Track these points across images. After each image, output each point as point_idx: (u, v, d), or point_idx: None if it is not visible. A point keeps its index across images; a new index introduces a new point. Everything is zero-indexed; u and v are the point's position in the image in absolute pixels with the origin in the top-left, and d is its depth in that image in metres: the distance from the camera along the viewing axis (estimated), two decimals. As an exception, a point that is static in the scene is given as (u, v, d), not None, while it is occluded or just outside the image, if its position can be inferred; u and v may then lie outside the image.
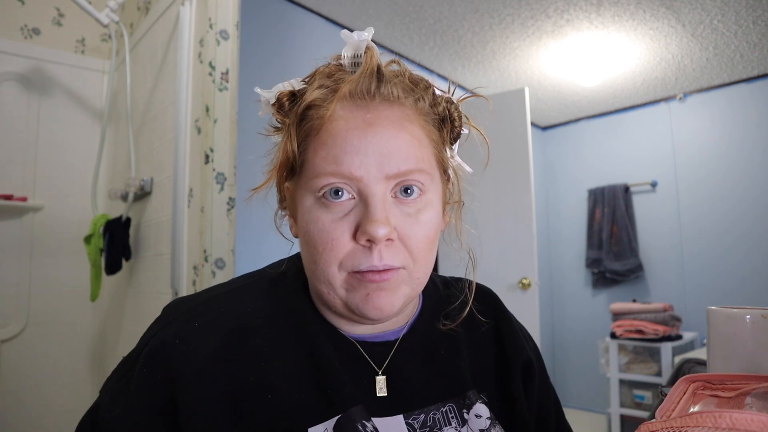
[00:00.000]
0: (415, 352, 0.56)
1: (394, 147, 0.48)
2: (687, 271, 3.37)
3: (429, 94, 0.54)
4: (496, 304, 0.66)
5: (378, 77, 0.50)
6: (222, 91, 1.50)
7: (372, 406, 0.50)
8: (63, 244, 2.07)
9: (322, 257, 0.48)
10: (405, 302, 0.51)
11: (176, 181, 1.50)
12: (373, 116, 0.49)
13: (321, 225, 0.48)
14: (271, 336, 0.50)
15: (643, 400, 2.96)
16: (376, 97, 0.49)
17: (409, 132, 0.49)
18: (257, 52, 2.11)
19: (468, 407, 0.55)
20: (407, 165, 0.48)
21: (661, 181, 3.52)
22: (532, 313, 2.60)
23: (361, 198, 0.48)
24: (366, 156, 0.47)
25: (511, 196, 2.73)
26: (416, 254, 0.50)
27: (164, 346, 0.47)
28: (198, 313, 0.51)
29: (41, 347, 1.99)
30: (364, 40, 0.51)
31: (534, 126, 4.07)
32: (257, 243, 1.98)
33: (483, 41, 2.75)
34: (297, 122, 0.51)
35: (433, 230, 0.51)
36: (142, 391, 0.46)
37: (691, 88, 3.39)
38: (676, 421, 0.36)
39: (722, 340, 0.55)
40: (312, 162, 0.49)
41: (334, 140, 0.48)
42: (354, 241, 0.48)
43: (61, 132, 2.11)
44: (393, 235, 0.48)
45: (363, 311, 0.49)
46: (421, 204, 0.50)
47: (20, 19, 2.08)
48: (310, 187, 0.49)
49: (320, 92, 0.50)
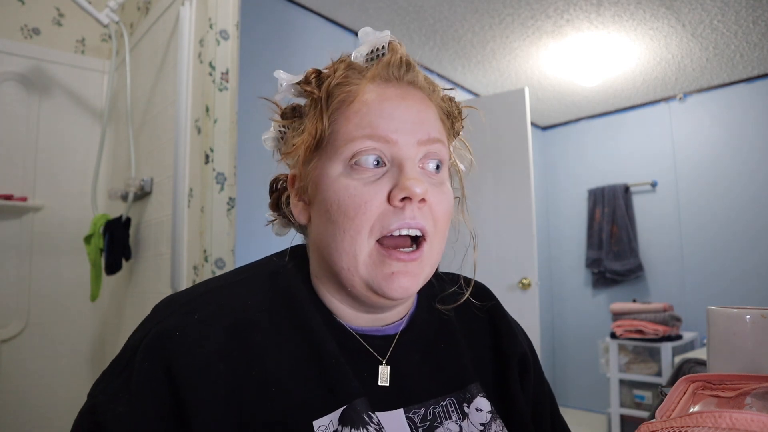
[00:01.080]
0: (415, 345, 0.56)
1: (424, 117, 0.52)
2: (687, 271, 3.37)
3: (439, 90, 0.58)
4: (491, 299, 0.66)
5: (407, 64, 0.54)
6: (222, 91, 1.50)
7: (373, 399, 0.50)
8: (63, 244, 2.07)
9: (354, 223, 0.48)
10: (424, 282, 0.53)
11: (176, 181, 1.50)
12: (404, 92, 0.52)
13: (353, 190, 0.48)
14: (272, 330, 0.50)
15: (643, 400, 2.96)
16: (404, 79, 0.53)
17: (432, 110, 0.54)
18: (257, 52, 2.11)
19: (468, 401, 0.55)
20: (435, 133, 0.52)
21: (661, 181, 3.52)
22: (532, 313, 2.60)
23: (394, 163, 0.50)
24: (401, 122, 0.50)
25: (511, 196, 2.73)
26: (439, 223, 0.52)
27: (165, 337, 0.46)
28: (197, 306, 0.49)
29: (41, 347, 1.99)
30: (386, 36, 0.54)
31: (534, 126, 4.07)
32: (257, 243, 1.98)
33: (483, 41, 2.75)
34: (327, 96, 0.52)
35: (451, 204, 0.54)
36: (145, 385, 0.44)
37: (691, 88, 3.39)
38: (676, 421, 0.36)
39: (722, 340, 0.55)
40: (344, 130, 0.50)
41: (369, 108, 0.50)
42: (387, 203, 0.49)
43: (61, 132, 2.11)
44: (427, 197, 0.49)
45: (386, 291, 0.49)
46: (443, 177, 0.54)
47: (20, 19, 2.08)
48: (341, 154, 0.50)
49: (350, 72, 0.53)
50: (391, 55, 0.53)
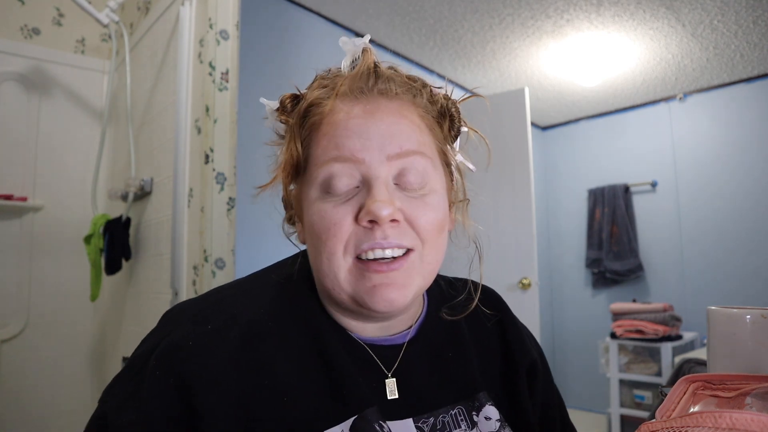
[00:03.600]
0: (423, 354, 0.56)
1: (395, 130, 0.49)
2: (687, 271, 3.37)
3: (426, 91, 0.54)
4: (501, 305, 0.65)
5: (375, 74, 0.51)
6: (222, 91, 1.50)
7: (382, 409, 0.50)
8: (63, 244, 2.06)
9: (327, 245, 0.48)
10: (416, 294, 0.51)
11: (176, 181, 1.50)
12: (373, 107, 0.50)
13: (323, 213, 0.48)
14: (282, 340, 0.49)
15: (643, 400, 2.95)
16: (374, 90, 0.51)
17: (408, 119, 0.50)
18: (257, 52, 2.11)
19: (478, 409, 0.55)
20: (409, 145, 0.49)
21: (661, 181, 3.52)
22: (532, 313, 2.60)
23: (364, 183, 0.48)
24: (368, 139, 0.48)
25: (511, 196, 2.73)
26: (425, 236, 0.49)
27: (176, 348, 0.46)
28: (208, 316, 0.49)
29: (41, 347, 1.99)
30: (361, 45, 0.52)
31: (534, 126, 4.07)
32: (257, 243, 1.98)
33: (483, 41, 2.75)
34: (299, 121, 0.52)
35: (441, 214, 0.51)
36: (155, 395, 0.44)
37: (691, 88, 3.39)
38: (676, 421, 0.36)
39: (722, 340, 0.55)
40: (315, 154, 0.50)
41: (335, 129, 0.49)
42: (356, 224, 0.47)
43: (61, 132, 2.11)
44: (398, 216, 0.47)
45: (370, 304, 0.48)
46: (426, 190, 0.50)
47: (20, 19, 2.08)
48: (315, 178, 0.49)
49: (320, 92, 0.52)
50: (360, 66, 0.51)
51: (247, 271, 0.61)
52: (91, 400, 2.05)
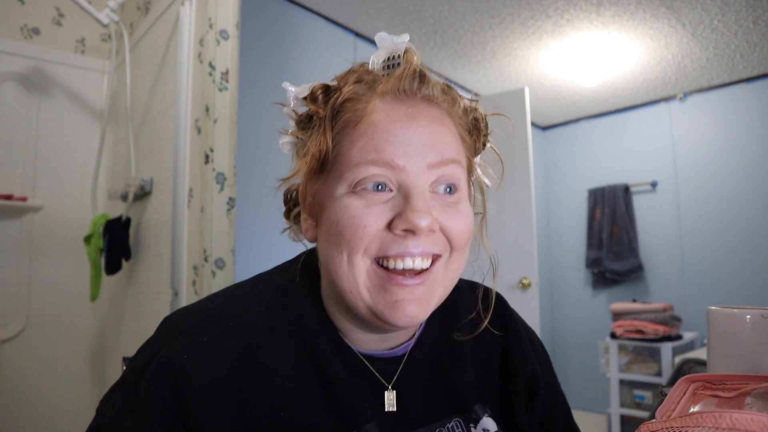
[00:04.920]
0: (421, 366, 0.55)
1: (436, 138, 0.48)
2: (687, 271, 3.37)
3: (461, 100, 0.54)
4: (506, 313, 0.64)
5: (420, 77, 0.50)
6: (222, 91, 1.50)
7: (381, 423, 0.49)
8: (63, 244, 2.06)
9: (350, 244, 0.46)
10: (436, 306, 0.50)
11: (176, 181, 1.50)
12: (415, 111, 0.48)
13: (352, 211, 0.46)
14: (279, 351, 0.48)
15: (643, 400, 2.95)
16: (417, 95, 0.49)
17: (447, 127, 0.50)
18: (257, 52, 2.11)
19: (475, 422, 0.54)
20: (449, 154, 0.48)
21: (661, 181, 3.52)
22: (532, 313, 2.60)
23: (401, 190, 0.46)
24: (409, 146, 0.46)
25: (511, 196, 2.73)
26: (456, 243, 0.49)
27: (172, 361, 0.45)
28: (205, 327, 0.48)
29: (41, 347, 1.99)
30: (402, 43, 0.51)
31: (534, 126, 4.07)
32: (257, 243, 1.98)
33: (483, 41, 2.75)
34: (332, 114, 0.49)
35: (471, 222, 0.51)
36: (151, 407, 0.43)
37: (691, 88, 3.39)
38: (676, 421, 0.36)
39: (722, 340, 0.55)
40: (348, 154, 0.47)
41: (375, 130, 0.47)
42: (388, 230, 0.46)
43: (61, 132, 2.11)
44: (435, 227, 0.47)
45: (390, 319, 0.46)
46: (459, 197, 0.50)
47: (20, 19, 2.08)
48: (345, 179, 0.47)
49: (358, 87, 0.49)
50: (405, 66, 0.49)
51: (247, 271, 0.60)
52: (92, 400, 2.05)
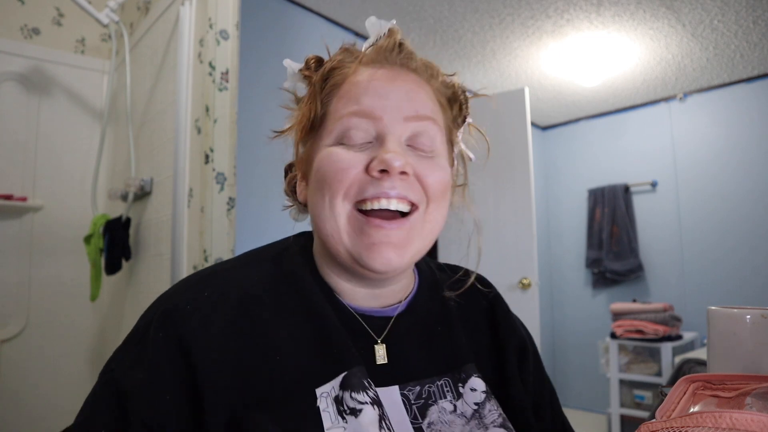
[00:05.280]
0: (413, 327, 0.57)
1: (413, 95, 0.52)
2: (687, 271, 3.37)
3: (441, 75, 0.58)
4: (493, 290, 0.67)
5: (400, 47, 0.55)
6: (222, 91, 1.50)
7: (370, 372, 0.51)
8: (63, 244, 2.06)
9: (331, 188, 0.49)
10: (414, 257, 0.52)
11: (176, 181, 1.50)
12: (395, 74, 0.53)
13: (335, 157, 0.50)
14: (276, 306, 0.52)
15: (643, 400, 2.95)
16: (397, 62, 0.55)
17: (425, 91, 0.54)
18: (257, 52, 2.11)
19: (464, 381, 0.56)
20: (424, 111, 0.52)
21: (661, 181, 3.52)
22: (532, 313, 2.60)
23: (378, 138, 0.51)
24: (387, 99, 0.51)
25: (511, 196, 2.73)
26: (431, 193, 0.52)
27: (177, 310, 0.48)
28: (208, 284, 0.52)
29: (41, 347, 1.99)
30: (387, 24, 0.57)
31: (534, 126, 4.07)
32: (257, 243, 1.98)
33: (483, 41, 2.75)
34: (321, 80, 0.55)
35: (447, 176, 0.54)
36: (160, 354, 0.46)
37: (691, 88, 3.39)
38: (676, 421, 0.36)
39: (722, 340, 0.55)
40: (334, 109, 0.52)
41: (357, 87, 0.52)
42: (366, 174, 0.49)
43: (61, 132, 2.11)
44: (408, 170, 0.49)
45: (367, 262, 0.49)
46: (435, 152, 0.53)
47: (20, 19, 2.08)
48: (331, 132, 0.51)
49: (345, 55, 0.55)
50: (387, 39, 0.55)
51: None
52: (91, 400, 2.04)
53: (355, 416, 0.46)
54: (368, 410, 0.47)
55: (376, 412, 0.47)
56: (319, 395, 0.47)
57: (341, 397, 0.47)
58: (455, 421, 0.52)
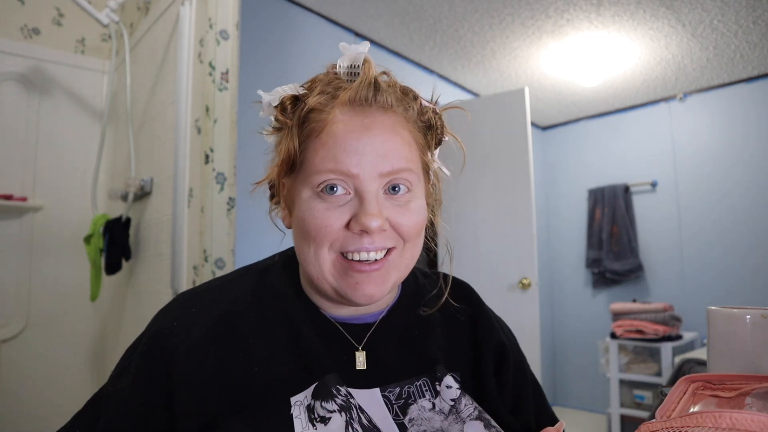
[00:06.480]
0: (391, 332, 0.61)
1: (388, 148, 0.54)
2: (687, 271, 3.37)
3: (417, 103, 0.59)
4: (471, 295, 0.70)
5: (375, 87, 0.55)
6: (222, 91, 1.50)
7: (351, 379, 0.55)
8: (63, 244, 2.07)
9: (315, 241, 0.54)
10: (393, 286, 0.57)
11: (176, 181, 1.50)
12: (370, 121, 0.54)
13: (316, 213, 0.53)
14: (257, 318, 0.56)
15: (643, 400, 2.96)
16: (372, 104, 0.55)
17: (400, 136, 0.55)
18: (257, 52, 2.11)
19: (439, 380, 0.60)
20: (399, 164, 0.54)
21: (661, 181, 3.52)
22: (532, 313, 2.60)
23: (356, 194, 0.53)
24: (363, 156, 0.52)
25: (511, 196, 2.73)
26: (407, 236, 0.56)
27: (163, 327, 0.54)
28: (194, 302, 0.57)
29: (41, 347, 1.99)
30: (362, 53, 0.56)
31: (534, 126, 4.07)
32: (257, 243, 1.98)
33: (483, 41, 2.75)
34: (299, 124, 0.56)
35: (421, 217, 0.57)
36: (141, 366, 0.52)
37: (691, 88, 3.39)
38: (676, 421, 0.36)
39: (722, 340, 0.55)
40: (312, 161, 0.54)
41: (335, 141, 0.53)
42: (346, 230, 0.53)
43: (61, 132, 2.11)
44: (385, 226, 0.54)
45: (352, 297, 0.54)
46: (409, 197, 0.56)
47: (20, 19, 2.08)
48: (309, 182, 0.54)
49: (322, 98, 0.55)
50: (362, 78, 0.55)
51: (247, 270, 0.62)
52: (91, 400, 2.04)
53: (324, 424, 0.51)
54: (336, 418, 0.51)
55: (344, 419, 0.52)
56: (293, 404, 0.51)
57: (312, 405, 0.52)
58: (434, 417, 0.57)
